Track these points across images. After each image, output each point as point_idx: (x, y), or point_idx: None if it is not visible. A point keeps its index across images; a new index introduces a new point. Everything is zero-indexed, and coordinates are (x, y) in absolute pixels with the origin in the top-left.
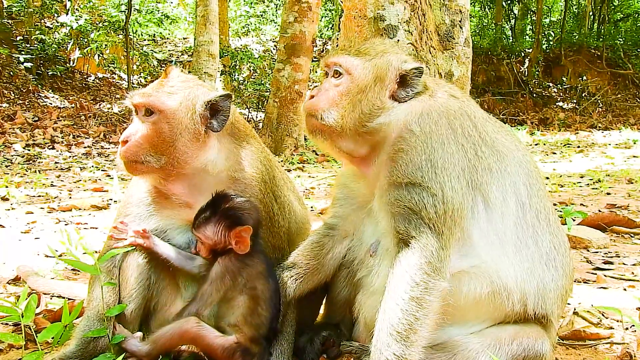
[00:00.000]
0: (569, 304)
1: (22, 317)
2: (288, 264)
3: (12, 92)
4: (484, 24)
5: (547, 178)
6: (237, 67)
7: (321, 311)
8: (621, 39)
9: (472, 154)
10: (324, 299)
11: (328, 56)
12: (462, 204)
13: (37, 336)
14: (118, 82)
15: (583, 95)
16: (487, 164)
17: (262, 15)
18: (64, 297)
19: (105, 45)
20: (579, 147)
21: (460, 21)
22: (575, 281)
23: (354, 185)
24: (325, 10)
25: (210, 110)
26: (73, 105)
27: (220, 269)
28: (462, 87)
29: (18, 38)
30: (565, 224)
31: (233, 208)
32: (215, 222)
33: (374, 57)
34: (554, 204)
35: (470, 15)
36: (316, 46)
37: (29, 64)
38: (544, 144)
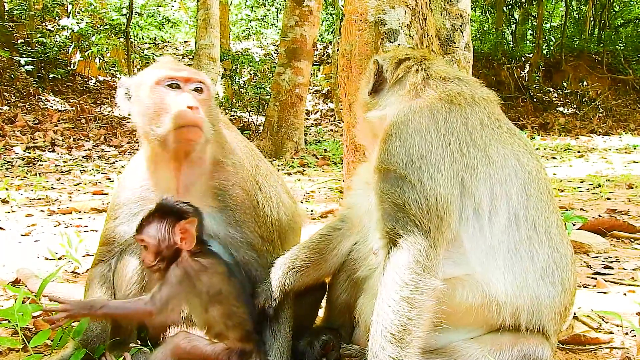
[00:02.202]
0: None
1: (19, 320)
2: (290, 255)
3: (12, 95)
4: (485, 28)
5: None
6: (238, 70)
7: (320, 315)
8: (622, 45)
9: (455, 147)
10: (322, 302)
11: None
12: (446, 198)
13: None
14: (119, 85)
15: (583, 100)
16: (473, 163)
17: (263, 19)
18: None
19: (106, 48)
20: (579, 152)
21: (461, 25)
22: None
23: (365, 175)
24: (326, 14)
25: None
26: (74, 108)
27: (179, 271)
28: None
29: (19, 41)
30: (566, 228)
31: (174, 204)
32: (158, 220)
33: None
34: None
35: (470, 19)
36: (317, 50)
37: (29, 67)
38: (544, 149)
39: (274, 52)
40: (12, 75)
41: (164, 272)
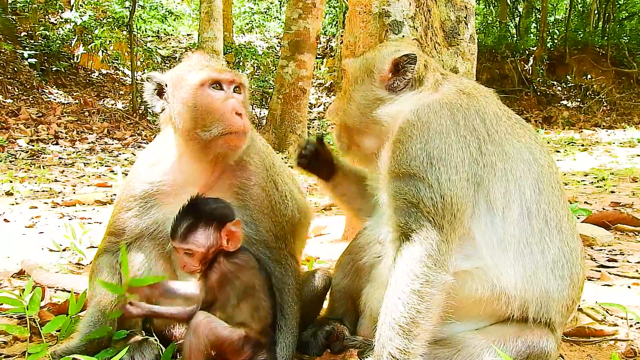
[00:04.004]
0: None
1: (27, 309)
2: None
3: (16, 88)
4: (489, 21)
5: None
6: (241, 63)
7: (324, 307)
8: (626, 38)
9: (474, 147)
10: (326, 296)
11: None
12: (462, 198)
13: (41, 329)
14: (122, 78)
15: (587, 93)
16: (491, 161)
17: (266, 12)
18: (68, 291)
19: (109, 41)
20: (583, 145)
21: (465, 17)
22: None
23: (371, 180)
24: (329, 7)
25: None
26: (77, 101)
27: (218, 276)
28: None
29: (22, 34)
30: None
31: (216, 206)
32: (204, 226)
33: (369, 52)
34: None
35: (474, 12)
36: (320, 43)
37: (33, 60)
38: (548, 143)
39: (277, 45)
40: (16, 68)
41: (203, 273)
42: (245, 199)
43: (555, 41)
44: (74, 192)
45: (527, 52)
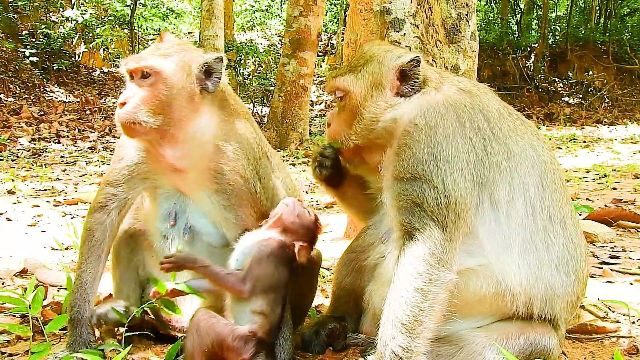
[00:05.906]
0: None
1: (30, 308)
2: None
3: (17, 87)
4: (490, 18)
5: None
6: (242, 61)
7: (327, 304)
8: (628, 34)
9: (480, 148)
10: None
11: (327, 84)
12: (466, 199)
13: (44, 328)
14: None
15: (589, 90)
16: (496, 160)
17: (267, 10)
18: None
19: (111, 39)
20: (584, 142)
21: (466, 14)
22: None
23: (373, 182)
24: (330, 4)
25: (205, 73)
26: (78, 99)
27: (267, 251)
28: None
29: (24, 32)
30: None
31: None
32: None
33: (365, 65)
34: None
35: (475, 9)
36: (321, 40)
37: (34, 59)
38: (550, 139)
39: (278, 43)
40: (17, 67)
41: None
42: (222, 182)
43: (557, 38)
44: (76, 191)
45: (528, 49)
